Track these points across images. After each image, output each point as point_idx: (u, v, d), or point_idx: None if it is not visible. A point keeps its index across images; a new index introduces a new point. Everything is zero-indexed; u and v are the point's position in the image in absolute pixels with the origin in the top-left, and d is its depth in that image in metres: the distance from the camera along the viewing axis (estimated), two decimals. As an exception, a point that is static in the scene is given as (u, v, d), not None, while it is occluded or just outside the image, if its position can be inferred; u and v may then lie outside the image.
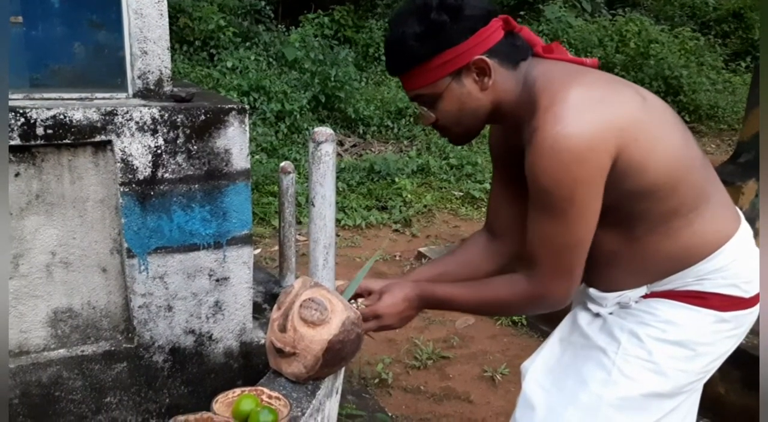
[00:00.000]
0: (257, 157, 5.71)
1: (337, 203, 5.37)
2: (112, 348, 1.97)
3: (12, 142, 1.73)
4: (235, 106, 1.96)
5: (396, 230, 5.16)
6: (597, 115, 1.18)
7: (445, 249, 4.50)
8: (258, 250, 4.64)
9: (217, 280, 2.06)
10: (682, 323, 1.32)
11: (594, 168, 1.18)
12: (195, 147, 1.93)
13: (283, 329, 1.25)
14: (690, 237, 1.29)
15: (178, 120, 1.89)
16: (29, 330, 1.89)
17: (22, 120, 1.72)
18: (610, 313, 1.40)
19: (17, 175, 1.78)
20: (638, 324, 1.34)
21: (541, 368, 1.46)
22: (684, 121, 1.38)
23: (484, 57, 1.24)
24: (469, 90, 1.27)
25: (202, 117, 1.92)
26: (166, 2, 1.97)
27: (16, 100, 1.85)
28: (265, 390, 1.20)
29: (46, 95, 1.90)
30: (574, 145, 1.15)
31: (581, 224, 1.23)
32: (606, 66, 9.03)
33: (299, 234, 5.04)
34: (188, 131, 1.91)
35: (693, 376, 1.35)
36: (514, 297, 1.33)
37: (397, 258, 4.64)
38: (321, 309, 1.24)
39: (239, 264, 2.07)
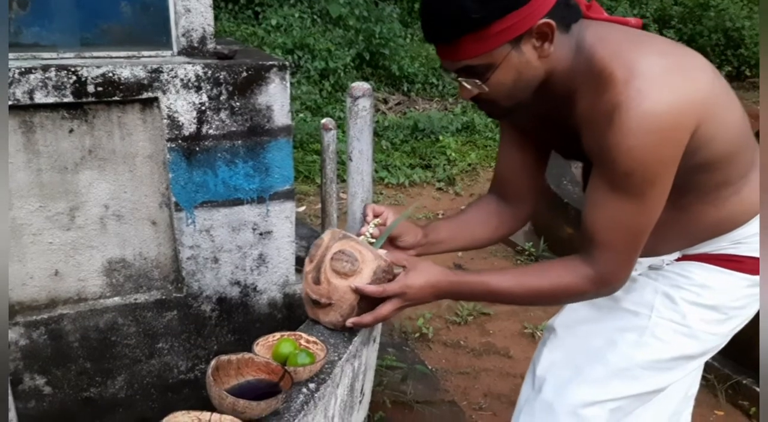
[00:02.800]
0: (301, 115, 5.76)
1: (380, 161, 5.42)
2: (163, 297, 2.07)
3: (65, 99, 1.80)
4: (276, 63, 1.99)
5: (439, 188, 5.17)
6: (681, 88, 1.10)
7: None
8: (302, 208, 4.73)
9: (261, 234, 2.12)
10: (716, 287, 1.31)
11: (678, 146, 1.11)
12: (237, 103, 1.97)
13: (317, 281, 1.29)
14: (736, 204, 1.27)
15: (221, 77, 1.94)
16: (86, 278, 2.00)
17: (74, 78, 1.79)
18: (639, 274, 1.40)
19: (71, 131, 1.86)
20: (672, 286, 1.34)
21: (564, 329, 1.47)
22: (745, 76, 1.32)
23: (548, 20, 1.11)
24: (528, 58, 1.14)
25: (244, 74, 1.96)
26: (208, -40, 1.99)
27: (68, 58, 1.92)
28: (304, 334, 1.26)
29: (95, 53, 1.96)
30: (664, 123, 1.08)
31: (657, 206, 1.17)
32: (663, 18, 8.69)
33: (342, 192, 5.12)
34: (231, 88, 1.95)
35: (721, 339, 1.35)
36: (575, 284, 1.24)
37: (440, 216, 4.66)
38: (351, 260, 1.27)
39: (282, 219, 2.13)
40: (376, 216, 1.44)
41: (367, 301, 1.30)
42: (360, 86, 1.46)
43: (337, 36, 7.19)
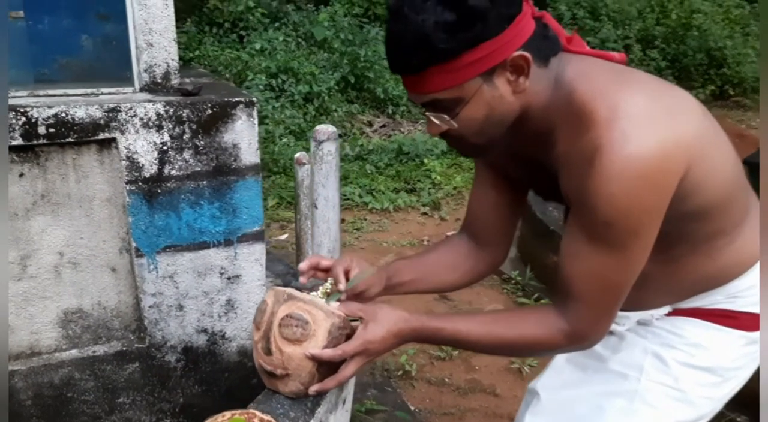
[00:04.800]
0: (285, 140, 5.66)
1: (364, 186, 5.32)
2: (124, 349, 1.94)
3: (14, 142, 1.69)
4: (242, 99, 1.88)
5: (424, 213, 5.06)
6: (668, 130, 1.01)
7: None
8: (285, 235, 4.61)
9: (229, 278, 2.00)
10: (711, 346, 1.20)
11: (665, 194, 1.02)
12: (202, 142, 1.86)
13: (268, 352, 1.18)
14: (731, 254, 1.17)
15: (184, 115, 1.83)
16: (40, 331, 1.87)
17: (24, 119, 1.68)
18: (627, 330, 1.29)
19: (21, 175, 1.74)
20: (663, 346, 1.23)
21: (548, 392, 1.36)
22: (728, 95, 1.22)
23: (523, 52, 1.02)
24: (502, 93, 1.05)
25: (209, 111, 1.85)
26: (170, -9, 1.90)
27: (20, 97, 1.81)
28: (257, 413, 1.14)
29: (51, 91, 1.86)
30: (649, 169, 0.98)
31: (640, 259, 1.07)
32: (646, 39, 8.69)
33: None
34: (194, 126, 1.85)
35: (718, 403, 1.24)
36: (546, 338, 1.14)
37: (426, 242, 4.55)
38: (302, 324, 1.16)
39: (251, 262, 2.01)
40: (325, 269, 1.31)
41: (327, 364, 1.19)
42: (324, 129, 1.36)
43: (321, 59, 7.12)
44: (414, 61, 1.03)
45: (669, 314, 1.28)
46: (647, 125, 1.00)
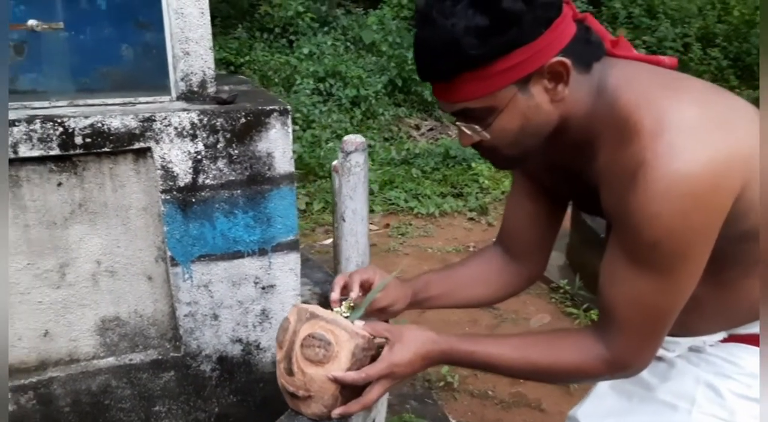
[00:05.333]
0: (331, 144, 5.65)
1: (410, 190, 5.27)
2: (160, 357, 1.94)
3: (51, 152, 1.70)
4: (276, 107, 1.86)
5: (471, 218, 4.97)
6: (720, 143, 0.92)
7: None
8: (329, 240, 4.59)
9: (263, 288, 1.98)
10: None
11: (716, 214, 0.94)
12: (236, 151, 1.85)
13: (290, 372, 1.14)
14: None
15: (218, 124, 1.82)
16: (78, 338, 1.89)
17: (61, 129, 1.69)
18: (678, 356, 1.20)
19: (59, 184, 1.76)
20: (717, 375, 1.13)
21: (590, 421, 1.28)
22: None
23: (563, 58, 0.96)
24: (538, 102, 0.99)
25: (243, 120, 1.83)
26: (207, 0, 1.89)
27: (60, 107, 1.82)
28: (277, 435, 1.10)
29: (90, 101, 1.87)
30: (698, 187, 0.90)
31: (688, 283, 0.98)
32: (707, 37, 8.35)
33: (371, 223, 4.96)
34: (228, 135, 1.83)
35: None
36: (585, 365, 1.07)
37: (472, 248, 4.46)
38: (324, 344, 1.11)
39: (286, 272, 1.98)
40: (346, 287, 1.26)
41: (351, 387, 1.14)
42: (352, 140, 1.32)
43: (369, 63, 7.11)
44: (443, 68, 0.97)
45: (724, 340, 1.18)
46: (697, 138, 0.91)
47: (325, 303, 2.21)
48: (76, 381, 1.87)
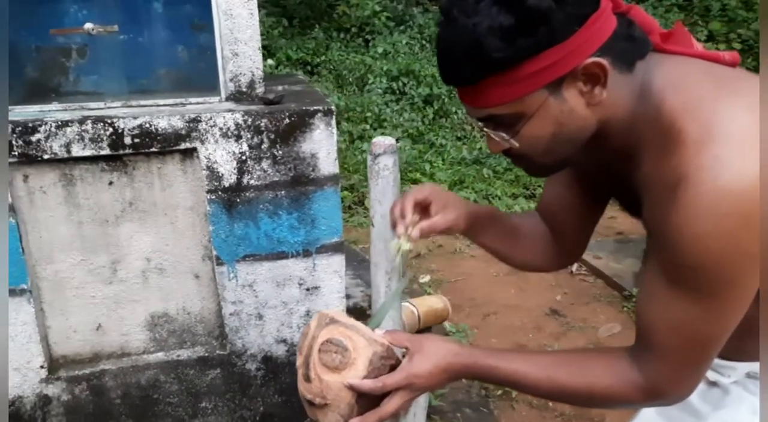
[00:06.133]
0: (400, 144, 5.62)
1: (481, 191, 5.15)
2: (207, 354, 1.97)
3: (102, 152, 1.75)
4: (320, 108, 1.84)
5: (543, 221, 4.80)
6: None
7: (592, 244, 4.09)
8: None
9: (308, 289, 1.97)
10: None
11: None
12: (280, 152, 1.84)
13: (307, 379, 1.10)
14: None
15: (262, 124, 1.82)
16: (129, 333, 1.94)
17: (111, 130, 1.74)
18: (733, 383, 1.08)
19: (111, 183, 1.81)
20: None
21: None
22: None
23: (599, 58, 0.87)
24: (572, 106, 0.90)
25: (287, 120, 1.82)
26: (255, 1, 1.89)
27: (114, 108, 1.88)
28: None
29: (142, 102, 1.91)
30: (747, 205, 0.80)
31: (736, 310, 0.88)
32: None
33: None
34: (273, 136, 1.83)
35: None
36: (617, 390, 0.98)
37: (541, 252, 4.30)
38: (341, 350, 1.07)
39: (330, 273, 1.96)
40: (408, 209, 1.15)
41: (368, 397, 1.10)
42: (381, 142, 1.27)
43: (443, 60, 7.02)
44: (466, 71, 0.90)
45: None
46: (748, 149, 0.80)
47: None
48: (127, 375, 1.93)
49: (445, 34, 0.91)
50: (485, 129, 0.98)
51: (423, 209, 1.16)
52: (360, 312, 2.22)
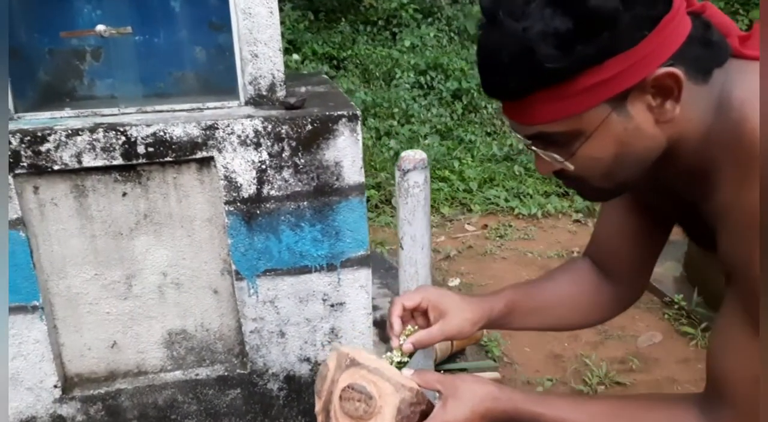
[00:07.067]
0: (429, 139, 5.48)
1: (512, 189, 4.99)
2: (226, 374, 1.87)
3: (115, 162, 1.66)
4: (345, 113, 1.71)
5: (577, 220, 4.63)
6: None
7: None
8: (424, 242, 4.44)
9: (332, 305, 1.85)
10: None
11: None
12: (302, 160, 1.72)
13: None
14: None
15: (283, 131, 1.70)
16: (146, 350, 1.85)
17: (123, 138, 1.64)
18: None
19: (124, 194, 1.71)
20: None
21: None
22: None
23: (672, 68, 0.74)
24: (639, 123, 0.78)
25: (309, 127, 1.71)
26: (276, -1, 1.78)
27: (128, 114, 1.78)
28: None
29: (158, 107, 1.81)
30: None
31: None
32: None
33: (468, 224, 4.75)
34: (294, 143, 1.71)
35: None
36: None
37: (575, 254, 4.14)
38: (365, 398, 0.95)
39: (356, 289, 1.84)
40: (404, 315, 1.06)
41: None
42: (411, 157, 1.15)
43: (473, 54, 6.85)
44: (513, 84, 0.77)
45: None
46: None
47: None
48: (143, 395, 1.84)
49: (489, 41, 0.78)
50: (533, 148, 0.85)
51: (423, 313, 1.05)
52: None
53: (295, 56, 6.38)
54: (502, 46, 0.76)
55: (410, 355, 1.05)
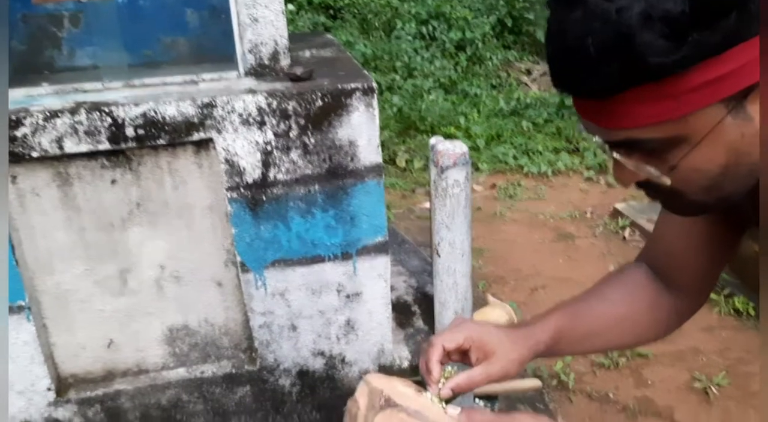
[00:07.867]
0: (433, 95, 5.25)
1: (520, 145, 4.79)
2: (234, 371, 1.72)
3: (101, 147, 1.47)
4: (359, 85, 1.52)
5: (588, 178, 4.45)
6: None
7: (646, 206, 3.75)
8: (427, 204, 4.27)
9: (348, 296, 1.70)
10: None
11: None
12: (312, 140, 1.54)
13: None
14: None
15: (290, 108, 1.50)
16: (145, 348, 1.70)
17: (109, 120, 1.45)
18: None
19: (113, 181, 1.53)
20: None
21: None
22: None
23: None
24: (758, 126, 0.64)
25: (319, 102, 1.51)
26: (276, -47, 1.55)
27: (113, 89, 1.58)
28: None
29: (146, 80, 1.61)
30: None
31: None
32: None
33: (476, 184, 4.57)
34: (302, 121, 1.52)
35: None
36: None
37: (588, 215, 3.99)
38: None
39: (373, 278, 1.68)
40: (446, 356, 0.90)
41: None
42: (449, 150, 0.97)
43: (476, 1, 6.54)
44: (599, 80, 0.61)
45: None
46: None
47: (423, 301, 1.91)
48: (145, 395, 1.70)
49: (569, 24, 0.61)
50: (616, 156, 0.68)
51: (463, 353, 0.90)
52: (404, 308, 1.94)
53: (290, 6, 6.06)
54: (587, 32, 0.59)
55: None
